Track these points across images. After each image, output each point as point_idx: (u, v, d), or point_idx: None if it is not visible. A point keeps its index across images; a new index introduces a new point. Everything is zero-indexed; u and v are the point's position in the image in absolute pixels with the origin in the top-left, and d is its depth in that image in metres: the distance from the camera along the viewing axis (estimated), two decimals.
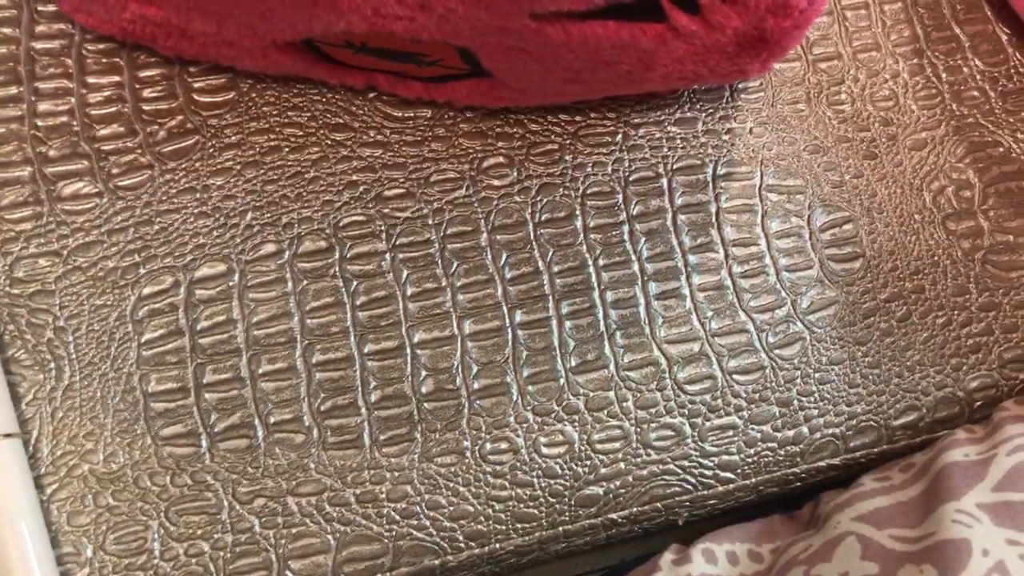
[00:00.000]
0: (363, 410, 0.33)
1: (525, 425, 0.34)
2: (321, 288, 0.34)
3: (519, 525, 0.33)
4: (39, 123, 0.33)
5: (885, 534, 0.31)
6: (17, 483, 0.30)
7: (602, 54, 0.30)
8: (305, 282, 0.34)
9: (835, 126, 0.39)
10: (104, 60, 0.34)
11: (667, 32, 0.29)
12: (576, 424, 0.34)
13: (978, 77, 0.40)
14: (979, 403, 0.37)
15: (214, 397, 0.32)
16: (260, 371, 0.33)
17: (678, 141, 0.37)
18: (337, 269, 0.34)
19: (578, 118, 0.37)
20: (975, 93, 0.40)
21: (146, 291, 0.33)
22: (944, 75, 0.40)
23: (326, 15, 0.28)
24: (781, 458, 0.35)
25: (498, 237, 0.35)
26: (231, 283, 0.33)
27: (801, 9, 0.28)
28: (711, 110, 0.38)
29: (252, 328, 0.33)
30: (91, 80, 0.34)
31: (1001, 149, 0.39)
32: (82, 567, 0.30)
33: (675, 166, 0.37)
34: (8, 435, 0.30)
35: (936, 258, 0.38)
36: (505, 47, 0.30)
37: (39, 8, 0.34)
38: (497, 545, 0.33)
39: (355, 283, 0.34)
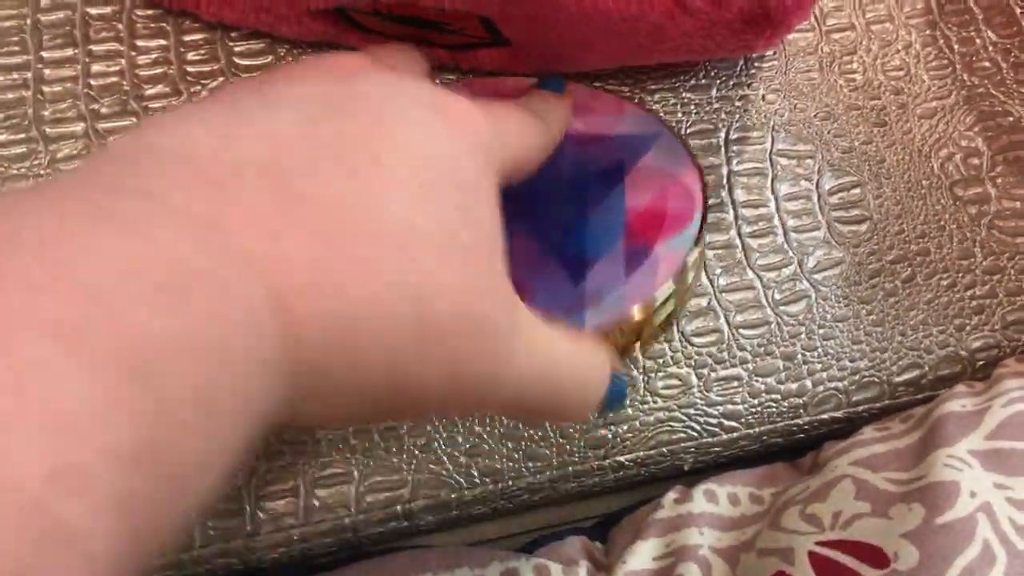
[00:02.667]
0: None
1: None
2: None
3: (531, 464, 0.35)
4: (92, 83, 0.36)
5: (880, 477, 0.32)
6: None
7: (613, 25, 0.32)
8: None
9: (846, 94, 0.40)
10: (152, 25, 0.36)
11: (674, 7, 0.30)
12: None
13: (990, 48, 0.41)
14: (981, 362, 0.38)
15: None
16: None
17: (692, 107, 0.39)
18: None
19: (597, 84, 0.38)
20: (987, 64, 0.41)
21: None
22: (956, 46, 0.41)
23: None
24: (784, 409, 0.37)
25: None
26: None
27: None
28: (725, 77, 0.39)
29: None
30: (140, 43, 0.36)
31: (1011, 118, 0.41)
32: None
33: (689, 130, 0.39)
34: None
35: (942, 222, 0.39)
36: (523, 16, 0.32)
37: None
38: (510, 482, 0.35)
39: None
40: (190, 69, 0.36)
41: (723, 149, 0.38)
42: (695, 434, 0.36)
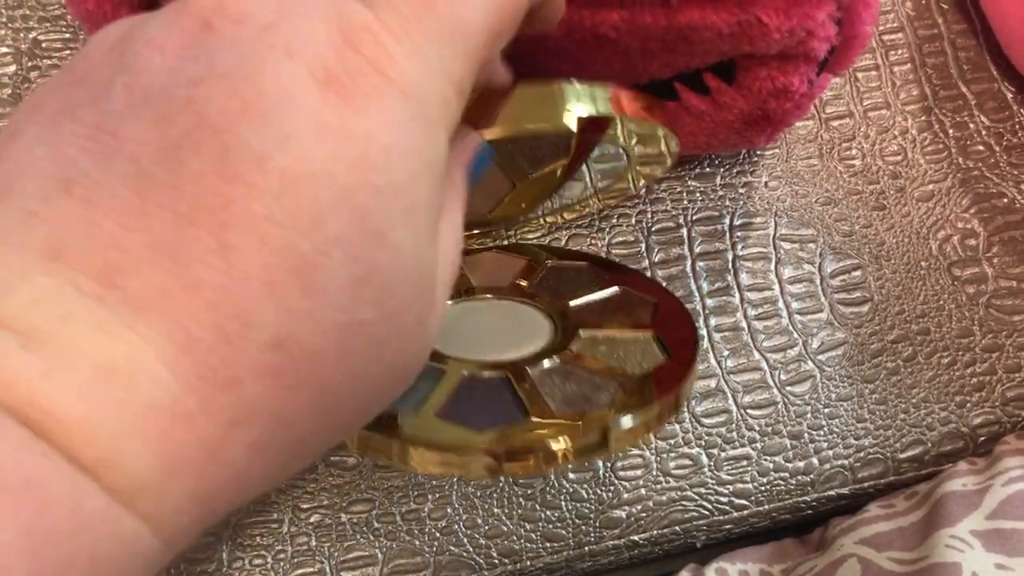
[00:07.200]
0: None
1: None
2: None
3: (548, 544, 0.36)
4: None
5: (884, 556, 0.34)
6: None
7: None
8: None
9: (846, 180, 0.42)
10: None
11: (679, 109, 0.32)
12: None
13: (984, 132, 0.43)
14: (983, 438, 0.39)
15: None
16: None
17: (697, 194, 0.41)
18: None
19: None
20: (981, 147, 0.43)
21: None
22: (951, 131, 0.43)
23: None
24: (792, 487, 0.38)
25: None
26: None
27: (801, 93, 0.32)
28: (728, 165, 0.41)
29: None
30: None
31: (1005, 200, 0.42)
32: (160, 572, 0.35)
33: (694, 217, 0.40)
34: None
35: (941, 302, 0.40)
36: None
37: None
38: (528, 562, 0.36)
39: None
40: None
41: (728, 235, 0.40)
42: (707, 512, 0.37)
